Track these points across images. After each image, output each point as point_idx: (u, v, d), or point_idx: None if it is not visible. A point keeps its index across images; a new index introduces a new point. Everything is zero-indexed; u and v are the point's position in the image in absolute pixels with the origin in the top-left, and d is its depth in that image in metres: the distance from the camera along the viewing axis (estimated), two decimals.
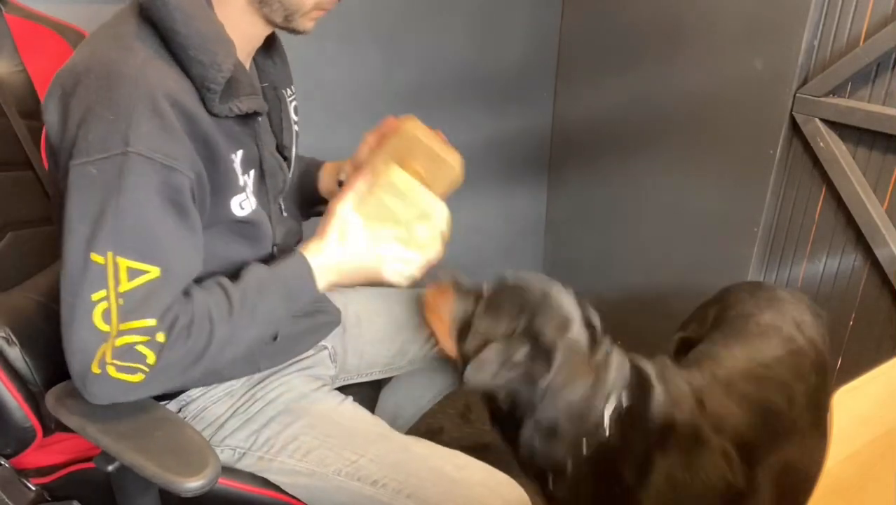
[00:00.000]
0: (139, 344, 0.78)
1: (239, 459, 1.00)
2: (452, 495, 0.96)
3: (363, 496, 0.97)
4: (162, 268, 0.79)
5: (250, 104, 0.89)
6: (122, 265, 0.77)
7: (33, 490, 0.99)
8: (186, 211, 0.82)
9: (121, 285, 0.77)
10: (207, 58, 0.82)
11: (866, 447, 0.67)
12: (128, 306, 0.77)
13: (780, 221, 1.76)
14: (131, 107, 0.77)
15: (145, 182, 0.77)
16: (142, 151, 0.76)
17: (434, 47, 1.97)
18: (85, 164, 0.77)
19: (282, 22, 0.92)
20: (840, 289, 1.67)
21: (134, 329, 0.78)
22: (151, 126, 0.77)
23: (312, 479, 0.98)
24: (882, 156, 1.52)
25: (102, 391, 0.80)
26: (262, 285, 0.89)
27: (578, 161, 2.28)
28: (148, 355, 0.79)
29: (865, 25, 1.49)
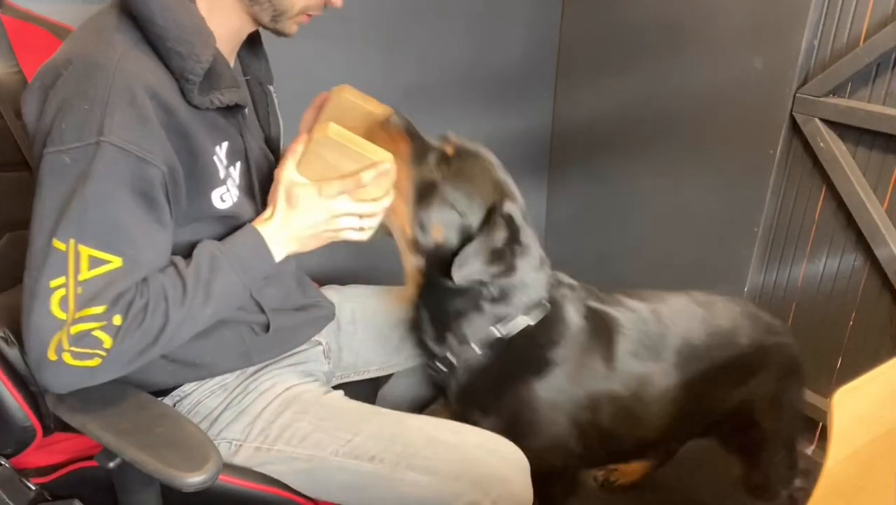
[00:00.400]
0: (95, 330, 0.78)
1: (236, 451, 1.00)
2: (450, 459, 0.97)
3: (363, 473, 0.97)
4: (125, 258, 0.79)
5: (231, 96, 0.89)
6: (83, 253, 0.77)
7: (33, 489, 0.99)
8: (157, 204, 0.81)
9: (81, 274, 0.77)
10: (185, 49, 0.82)
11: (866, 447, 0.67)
12: (86, 295, 0.77)
13: (780, 221, 1.76)
14: (107, 97, 0.77)
15: (116, 172, 0.77)
16: (115, 142, 0.77)
17: (434, 47, 1.97)
18: (58, 152, 0.77)
19: (268, 22, 0.93)
20: (840, 289, 1.67)
21: (88, 316, 0.78)
22: (127, 117, 0.78)
23: (311, 463, 0.98)
24: (882, 156, 1.52)
25: (59, 379, 0.80)
26: (214, 262, 0.88)
27: (578, 161, 2.28)
28: (104, 340, 0.79)
29: (865, 25, 1.49)
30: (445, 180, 1.06)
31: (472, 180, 1.08)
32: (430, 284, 1.10)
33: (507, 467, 1.00)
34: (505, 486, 0.98)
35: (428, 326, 1.14)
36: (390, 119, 1.06)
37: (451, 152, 1.09)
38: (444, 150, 1.08)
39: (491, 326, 1.11)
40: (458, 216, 1.06)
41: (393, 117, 1.06)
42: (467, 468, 0.97)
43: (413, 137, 1.07)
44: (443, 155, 1.08)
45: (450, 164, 1.08)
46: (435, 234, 1.06)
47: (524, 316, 1.12)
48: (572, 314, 1.17)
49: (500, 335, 1.11)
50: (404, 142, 1.06)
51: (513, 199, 1.10)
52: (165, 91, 0.82)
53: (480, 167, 1.11)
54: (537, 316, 1.13)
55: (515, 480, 1.00)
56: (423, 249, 1.08)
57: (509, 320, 1.11)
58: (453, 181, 1.06)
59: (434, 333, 1.14)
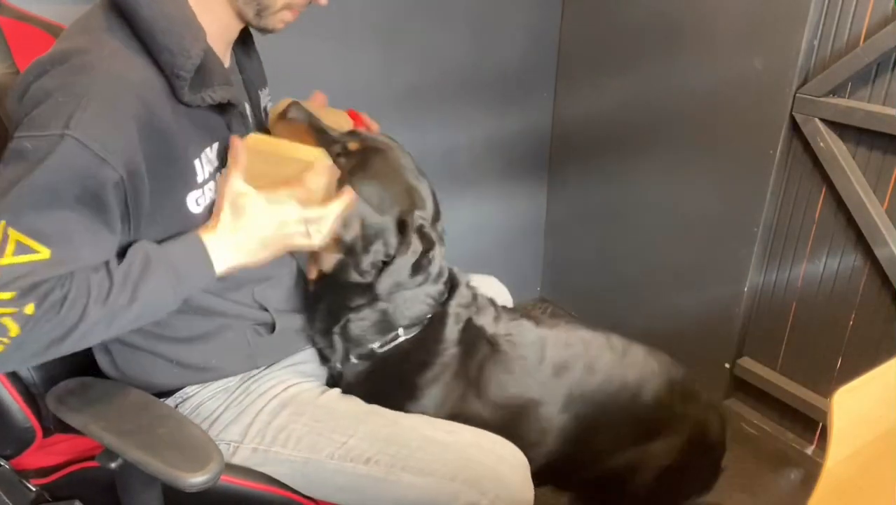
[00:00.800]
0: (4, 316, 0.75)
1: (234, 453, 1.00)
2: (445, 460, 0.97)
3: (359, 475, 0.97)
4: (53, 252, 0.76)
5: (223, 94, 0.89)
6: (11, 237, 0.74)
7: (33, 490, 0.99)
8: (105, 206, 0.79)
9: (4, 257, 0.74)
10: (175, 43, 0.82)
11: (866, 447, 0.68)
12: (4, 278, 0.74)
13: (780, 221, 1.76)
14: (86, 94, 0.77)
15: (70, 167, 0.76)
16: (78, 136, 0.75)
17: (434, 47, 1.97)
18: (22, 137, 0.76)
19: (253, 18, 0.93)
20: (840, 289, 1.67)
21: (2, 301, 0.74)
22: (99, 115, 0.77)
23: (308, 466, 0.99)
24: (882, 156, 1.52)
25: None
26: (147, 263, 0.84)
27: (578, 161, 2.28)
28: (11, 327, 0.75)
29: (865, 25, 1.49)
30: (354, 176, 1.02)
31: (378, 177, 1.04)
32: (334, 281, 1.07)
33: (503, 466, 1.00)
34: (502, 485, 0.98)
35: (320, 322, 1.10)
36: (289, 113, 1.03)
37: (354, 147, 1.05)
38: (346, 144, 1.05)
39: (371, 339, 1.09)
40: (372, 213, 1.03)
41: (291, 111, 1.03)
42: (463, 468, 0.97)
43: (315, 131, 1.04)
44: (345, 149, 1.04)
45: (352, 157, 1.04)
46: (353, 231, 1.03)
47: (403, 331, 1.10)
48: (450, 334, 1.12)
49: (376, 350, 1.10)
50: (307, 135, 1.03)
51: (422, 207, 1.06)
52: (150, 91, 0.81)
53: (387, 164, 1.06)
54: (413, 332, 1.11)
55: (513, 478, 1.00)
56: (341, 246, 1.04)
57: (390, 336, 1.10)
58: (360, 176, 1.02)
59: (322, 328, 1.10)
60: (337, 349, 1.10)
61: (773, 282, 1.82)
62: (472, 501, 0.96)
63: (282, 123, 1.03)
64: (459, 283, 1.16)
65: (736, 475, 1.77)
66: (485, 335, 1.14)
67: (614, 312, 2.30)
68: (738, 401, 2.00)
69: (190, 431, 0.86)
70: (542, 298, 2.59)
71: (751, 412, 1.96)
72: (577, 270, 2.43)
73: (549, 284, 2.56)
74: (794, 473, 1.80)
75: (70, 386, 0.91)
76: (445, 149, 2.10)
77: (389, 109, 1.95)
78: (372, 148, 1.06)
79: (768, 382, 1.86)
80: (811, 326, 1.76)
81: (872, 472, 0.67)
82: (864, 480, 0.66)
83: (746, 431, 1.93)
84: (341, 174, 1.01)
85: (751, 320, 1.90)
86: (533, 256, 2.53)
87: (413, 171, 1.09)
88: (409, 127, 2.01)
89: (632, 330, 2.24)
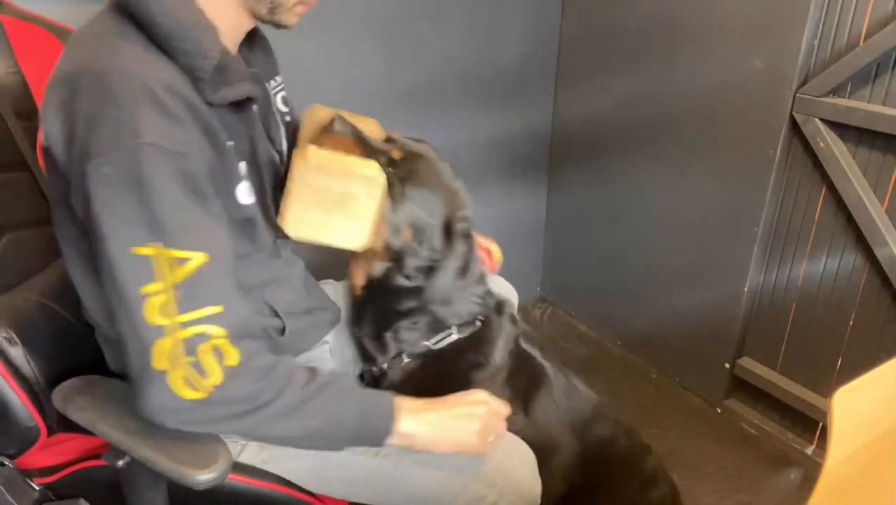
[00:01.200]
0: (208, 343, 0.77)
1: (241, 450, 1.00)
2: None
3: (367, 469, 0.98)
4: (206, 252, 0.78)
5: (242, 89, 0.89)
6: (166, 255, 0.75)
7: (37, 490, 0.99)
8: (206, 196, 0.81)
9: (172, 276, 0.75)
10: (192, 46, 0.82)
11: (866, 447, 0.68)
12: (184, 297, 0.76)
13: (780, 221, 1.76)
14: (132, 101, 0.77)
15: (163, 171, 0.76)
16: (154, 142, 0.76)
17: (434, 47, 1.97)
18: (99, 164, 0.76)
19: (266, 15, 0.92)
20: (840, 289, 1.67)
21: (197, 319, 0.77)
22: (157, 116, 0.77)
23: (316, 459, 0.98)
24: (882, 156, 1.53)
25: (157, 394, 0.77)
26: (346, 391, 0.90)
27: (578, 161, 2.28)
28: (214, 373, 0.77)
29: (865, 25, 1.49)
30: (405, 184, 1.06)
31: (425, 183, 1.08)
32: (380, 286, 1.10)
33: (511, 460, 1.01)
34: (510, 478, 0.99)
35: (369, 325, 1.13)
36: (334, 126, 1.05)
37: (398, 155, 1.09)
38: (390, 154, 1.08)
39: (425, 338, 1.12)
40: (424, 217, 1.07)
41: (336, 125, 1.05)
42: (470, 462, 0.98)
43: (359, 142, 1.07)
44: (390, 159, 1.08)
45: (399, 166, 1.07)
46: (405, 236, 1.07)
47: (456, 331, 1.13)
48: (502, 343, 1.16)
49: (431, 347, 1.12)
50: (353, 148, 1.06)
51: (463, 207, 1.11)
52: (184, 88, 0.82)
53: (430, 169, 1.10)
54: (467, 331, 1.13)
55: (520, 472, 1.01)
56: (391, 252, 1.08)
57: (444, 334, 1.12)
58: (409, 184, 1.06)
59: (374, 332, 1.13)
60: (390, 350, 1.13)
61: (773, 282, 1.82)
62: (479, 495, 0.97)
63: (328, 136, 1.05)
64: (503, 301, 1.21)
65: (736, 475, 1.77)
66: (533, 357, 1.19)
67: (614, 312, 2.31)
68: (738, 401, 2.00)
69: None
70: (542, 297, 2.59)
71: (751, 412, 1.96)
72: (577, 270, 2.43)
73: (549, 283, 2.56)
74: (794, 473, 1.80)
75: (76, 385, 0.91)
76: (445, 149, 2.08)
77: (389, 109, 1.95)
78: (413, 154, 1.10)
79: (768, 382, 1.86)
80: (811, 326, 1.76)
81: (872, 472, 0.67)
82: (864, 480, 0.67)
83: (746, 431, 1.93)
84: (392, 183, 1.04)
85: (751, 320, 1.90)
86: (533, 256, 2.53)
87: (450, 174, 1.13)
88: (409, 127, 1.99)
89: (632, 330, 2.25)
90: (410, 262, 1.07)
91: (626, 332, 2.29)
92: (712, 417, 1.99)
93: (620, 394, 2.08)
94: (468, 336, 1.13)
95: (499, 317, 1.18)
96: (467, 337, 1.13)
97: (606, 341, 2.34)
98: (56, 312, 1.02)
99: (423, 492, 0.98)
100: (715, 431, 1.93)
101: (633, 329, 2.26)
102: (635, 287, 2.20)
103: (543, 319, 2.48)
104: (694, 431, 1.93)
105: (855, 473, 0.66)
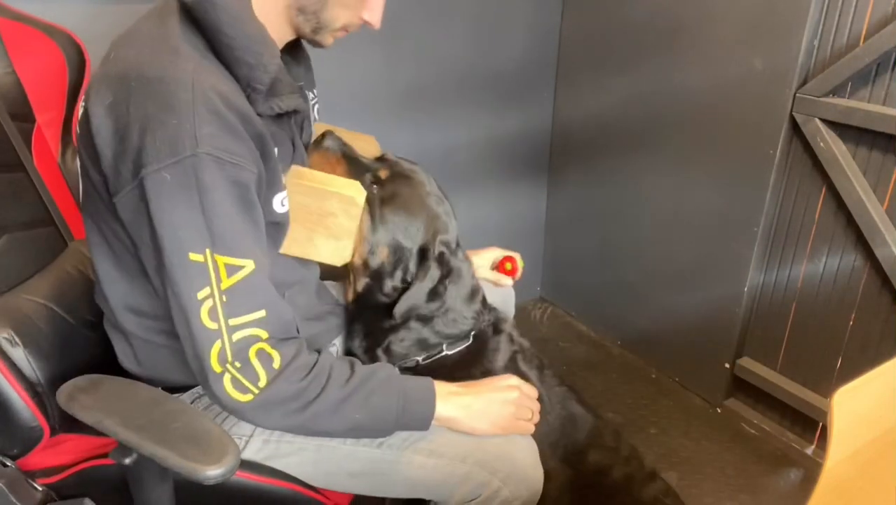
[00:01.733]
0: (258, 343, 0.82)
1: (245, 446, 1.00)
2: (456, 442, 1.00)
3: (372, 459, 0.99)
4: (254, 260, 0.82)
5: (291, 102, 0.91)
6: (219, 262, 0.79)
7: (41, 490, 0.99)
8: (254, 206, 0.84)
9: (222, 283, 0.79)
10: (254, 59, 0.84)
11: (866, 447, 0.68)
12: (232, 303, 0.80)
13: (780, 222, 1.77)
14: (192, 109, 0.78)
15: (219, 181, 0.79)
16: (210, 152, 0.78)
17: (434, 47, 1.97)
18: (158, 170, 0.77)
19: (309, 33, 0.95)
20: (840, 289, 1.67)
21: (245, 323, 0.81)
22: (214, 126, 0.79)
23: (320, 453, 0.99)
24: (882, 156, 1.53)
25: (222, 395, 0.83)
26: (388, 380, 0.93)
27: (578, 161, 2.28)
28: (261, 375, 0.82)
29: (865, 25, 1.49)
30: (384, 205, 1.08)
31: (407, 206, 1.10)
32: (366, 302, 1.13)
33: (513, 447, 1.02)
34: (513, 465, 1.00)
35: (360, 339, 1.16)
36: (323, 142, 1.08)
37: (385, 175, 1.11)
38: (377, 172, 1.10)
39: (415, 353, 1.14)
40: (398, 241, 1.09)
41: (326, 141, 1.08)
42: (473, 449, 0.99)
43: (348, 160, 1.10)
44: (377, 177, 1.10)
45: (384, 186, 1.10)
46: (382, 256, 1.09)
47: (447, 346, 1.15)
48: (496, 361, 1.17)
49: (420, 363, 1.14)
50: (340, 164, 1.08)
51: (444, 232, 1.12)
52: (238, 99, 0.83)
53: (414, 193, 1.12)
54: (457, 347, 1.15)
55: (523, 459, 1.02)
56: (370, 270, 1.10)
57: (434, 352, 1.14)
58: (390, 206, 1.09)
59: (366, 346, 1.15)
60: (380, 358, 1.14)
61: (773, 282, 1.82)
62: (483, 481, 0.98)
63: (318, 153, 1.08)
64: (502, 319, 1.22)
65: (736, 475, 1.77)
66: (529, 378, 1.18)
67: (614, 311, 2.31)
68: (738, 401, 2.00)
69: (204, 425, 0.86)
70: (542, 297, 2.59)
71: (751, 412, 1.96)
72: (576, 270, 2.43)
73: (548, 283, 2.56)
74: (794, 473, 1.80)
75: (80, 383, 0.91)
76: (445, 149, 2.10)
77: (389, 109, 1.95)
78: (400, 175, 1.12)
79: (768, 382, 1.86)
80: (811, 326, 1.76)
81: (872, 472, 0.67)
82: (864, 480, 0.67)
83: (746, 431, 1.93)
84: (373, 203, 1.07)
85: (751, 320, 1.90)
86: (533, 256, 2.53)
87: (436, 196, 1.14)
88: (410, 127, 2.01)
89: (632, 330, 2.25)
90: (387, 281, 1.10)
91: (626, 332, 2.29)
92: (712, 417, 1.99)
93: (620, 394, 2.08)
94: (457, 353, 1.15)
95: (495, 335, 1.19)
96: (455, 354, 1.15)
97: (606, 341, 2.34)
98: (56, 312, 1.03)
99: (427, 480, 0.99)
100: (715, 431, 1.93)
101: (633, 329, 2.26)
102: (635, 287, 2.20)
103: (543, 318, 2.48)
104: (694, 430, 1.93)
105: (855, 473, 0.66)
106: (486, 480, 0.98)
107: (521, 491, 1.00)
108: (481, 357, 1.16)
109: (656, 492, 1.20)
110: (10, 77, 1.09)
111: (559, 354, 2.28)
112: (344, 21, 0.95)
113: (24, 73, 1.10)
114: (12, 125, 1.08)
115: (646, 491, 1.19)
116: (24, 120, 1.10)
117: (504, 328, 1.21)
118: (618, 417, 1.97)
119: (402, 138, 1.99)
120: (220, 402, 0.85)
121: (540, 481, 1.04)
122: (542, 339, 2.34)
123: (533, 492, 1.02)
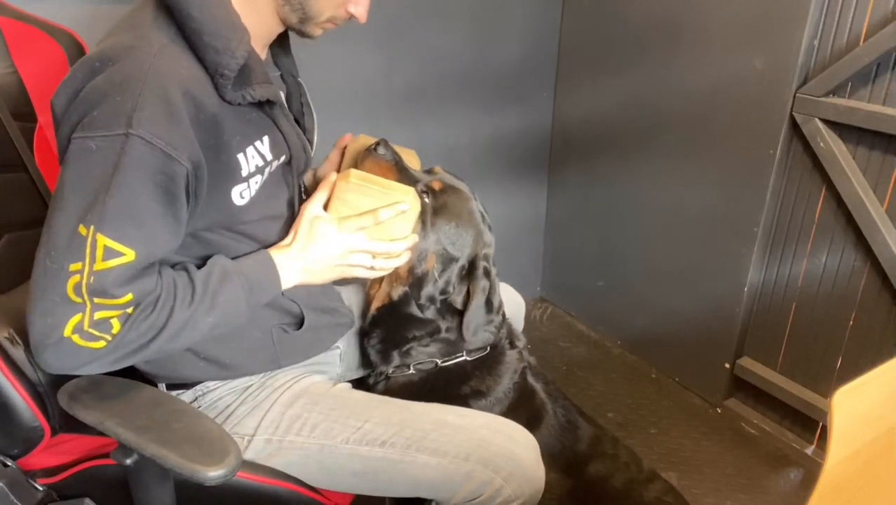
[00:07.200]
0: (114, 318, 0.80)
1: (247, 446, 1.01)
2: (458, 440, 1.00)
3: (374, 459, 0.99)
4: (137, 252, 0.80)
5: (263, 92, 0.91)
6: (100, 242, 0.78)
7: (41, 490, 0.99)
8: (175, 199, 0.83)
9: (96, 263, 0.78)
10: (221, 44, 0.84)
11: (866, 447, 0.68)
12: (97, 285, 0.78)
13: (780, 221, 1.77)
14: (139, 91, 0.78)
15: (142, 165, 0.78)
16: (143, 135, 0.78)
17: (434, 47, 1.97)
18: (86, 138, 0.78)
19: (295, 23, 0.95)
20: (840, 289, 1.67)
21: (110, 305, 0.80)
22: (157, 112, 0.79)
23: (323, 453, 1.00)
24: (882, 156, 1.53)
25: (60, 359, 0.80)
26: (225, 274, 0.91)
27: (578, 161, 2.29)
28: (115, 325, 0.81)
29: (865, 25, 1.49)
30: (438, 214, 1.11)
31: (458, 218, 1.13)
32: (393, 311, 1.14)
33: (515, 446, 1.03)
34: (515, 463, 1.00)
35: (377, 341, 1.17)
36: (377, 150, 1.10)
37: (438, 186, 1.13)
38: (430, 184, 1.13)
39: (437, 358, 1.16)
40: (447, 250, 1.12)
41: (379, 148, 1.10)
42: (476, 448, 1.00)
43: (400, 169, 1.12)
44: (429, 188, 1.12)
45: (436, 197, 1.12)
46: (428, 265, 1.11)
47: (467, 353, 1.17)
48: (507, 375, 1.20)
49: (440, 363, 1.16)
50: (391, 173, 1.10)
51: (488, 246, 1.16)
52: (198, 87, 0.84)
53: (464, 206, 1.15)
54: (476, 355, 1.18)
55: (525, 457, 1.02)
56: (412, 278, 1.12)
57: (454, 357, 1.17)
58: (442, 216, 1.11)
59: (381, 348, 1.17)
60: (393, 363, 1.17)
61: (773, 282, 1.82)
62: (486, 480, 0.99)
63: (371, 160, 1.10)
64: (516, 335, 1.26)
65: (736, 475, 1.77)
66: (536, 392, 1.22)
67: (614, 312, 2.31)
68: (738, 401, 2.00)
69: (205, 425, 0.86)
70: (542, 297, 2.59)
71: (751, 412, 1.96)
72: (577, 270, 2.43)
73: (549, 283, 2.56)
74: (794, 473, 1.80)
75: (81, 384, 0.91)
76: (445, 148, 2.10)
77: (389, 109, 1.95)
78: (451, 188, 1.15)
79: (768, 382, 1.86)
80: (811, 326, 1.76)
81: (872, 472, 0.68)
82: (864, 480, 0.67)
83: (746, 431, 1.93)
84: (425, 211, 1.10)
85: (751, 320, 1.90)
86: (533, 256, 2.53)
87: (481, 213, 1.17)
88: (410, 127, 2.01)
89: (632, 330, 2.25)
90: (426, 289, 1.12)
91: (626, 332, 2.29)
92: (712, 417, 1.99)
93: (620, 394, 2.08)
94: (476, 359, 1.17)
95: (510, 349, 1.22)
96: (474, 360, 1.17)
97: (606, 341, 2.34)
98: None
99: (430, 479, 1.00)
100: (715, 431, 1.93)
101: (633, 329, 2.26)
102: (635, 287, 2.20)
103: (543, 318, 2.48)
104: (694, 430, 1.94)
105: (855, 473, 0.66)
106: (489, 478, 0.99)
107: (524, 490, 1.01)
108: (496, 368, 1.19)
109: (658, 492, 1.21)
110: (12, 77, 1.09)
111: (559, 354, 2.28)
112: (330, 13, 0.95)
113: (26, 73, 1.10)
114: (14, 125, 1.08)
115: (647, 492, 1.20)
116: (25, 120, 1.10)
117: (518, 345, 1.24)
118: (618, 417, 1.98)
119: (402, 138, 1.97)
120: (59, 360, 0.81)
121: (542, 480, 1.04)
122: (542, 339, 2.35)
123: (535, 490, 1.03)
